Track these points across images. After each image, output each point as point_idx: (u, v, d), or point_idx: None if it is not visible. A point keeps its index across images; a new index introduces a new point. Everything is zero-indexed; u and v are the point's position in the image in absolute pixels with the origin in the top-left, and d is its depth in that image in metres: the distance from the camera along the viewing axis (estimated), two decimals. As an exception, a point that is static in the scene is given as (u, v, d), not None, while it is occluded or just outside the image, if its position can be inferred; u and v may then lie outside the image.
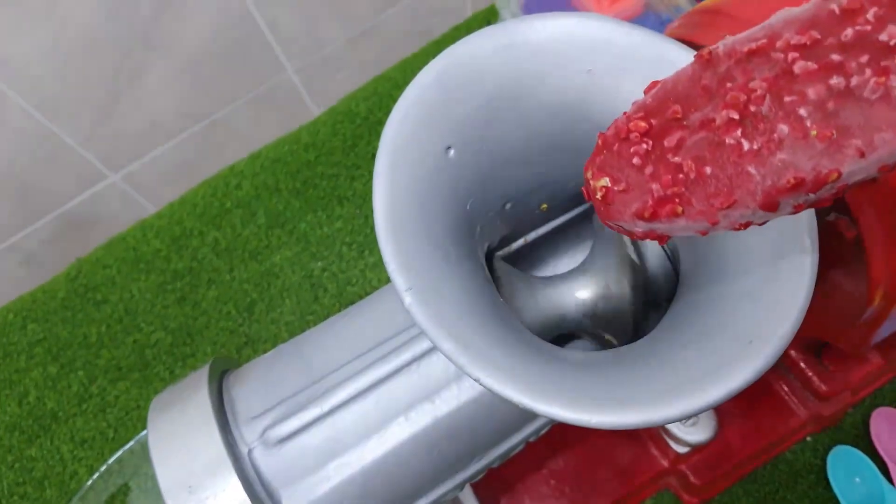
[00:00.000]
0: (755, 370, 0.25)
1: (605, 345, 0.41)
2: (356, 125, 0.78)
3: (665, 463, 0.53)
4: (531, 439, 0.36)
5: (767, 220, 0.20)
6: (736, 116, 0.19)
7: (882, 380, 0.54)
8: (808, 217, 0.28)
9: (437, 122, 0.33)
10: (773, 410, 0.54)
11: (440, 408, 0.31)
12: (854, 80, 0.18)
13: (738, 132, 0.19)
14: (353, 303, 0.68)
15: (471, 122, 0.34)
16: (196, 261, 0.73)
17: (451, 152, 0.34)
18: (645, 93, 0.22)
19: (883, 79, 0.17)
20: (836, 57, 0.18)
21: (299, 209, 0.74)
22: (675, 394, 0.25)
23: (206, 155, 0.77)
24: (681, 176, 0.20)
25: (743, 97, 0.19)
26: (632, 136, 0.21)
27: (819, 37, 0.18)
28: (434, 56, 0.77)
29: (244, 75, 0.72)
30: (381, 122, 0.81)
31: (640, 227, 0.21)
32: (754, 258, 0.28)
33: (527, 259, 0.44)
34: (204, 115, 0.73)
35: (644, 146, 0.21)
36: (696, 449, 0.51)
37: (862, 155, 0.18)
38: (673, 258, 0.39)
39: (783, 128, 0.19)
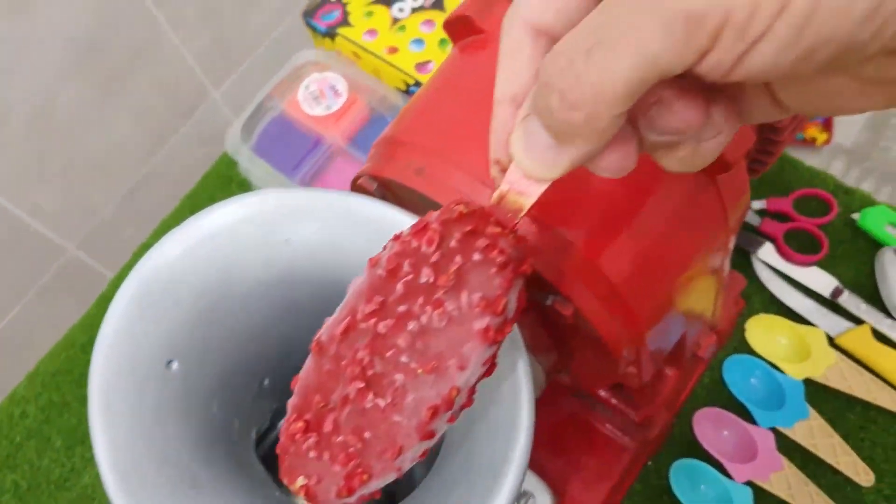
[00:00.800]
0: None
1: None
2: (133, 308, 0.74)
3: (528, 545, 0.53)
4: None
5: (440, 436, 0.23)
6: (362, 384, 0.22)
7: (686, 388, 0.57)
8: (515, 338, 0.29)
9: (147, 342, 0.31)
10: (605, 452, 0.56)
11: None
12: (423, 319, 0.22)
13: (371, 395, 0.22)
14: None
15: (187, 327, 0.33)
16: (-3, 514, 0.65)
17: (175, 365, 0.32)
18: (291, 388, 0.25)
19: (440, 308, 0.22)
20: (402, 308, 0.22)
21: (97, 417, 0.68)
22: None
23: (8, 365, 0.71)
24: (351, 450, 0.23)
25: (357, 368, 0.22)
26: (296, 437, 0.24)
27: (382, 298, 0.22)
28: (187, 213, 0.75)
29: (22, 271, 0.68)
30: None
31: (350, 500, 0.23)
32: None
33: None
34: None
35: (311, 439, 0.24)
36: (549, 522, 0.52)
37: (463, 367, 0.21)
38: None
39: (399, 377, 0.22)
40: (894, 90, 0.18)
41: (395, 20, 0.70)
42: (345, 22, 0.71)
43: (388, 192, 0.37)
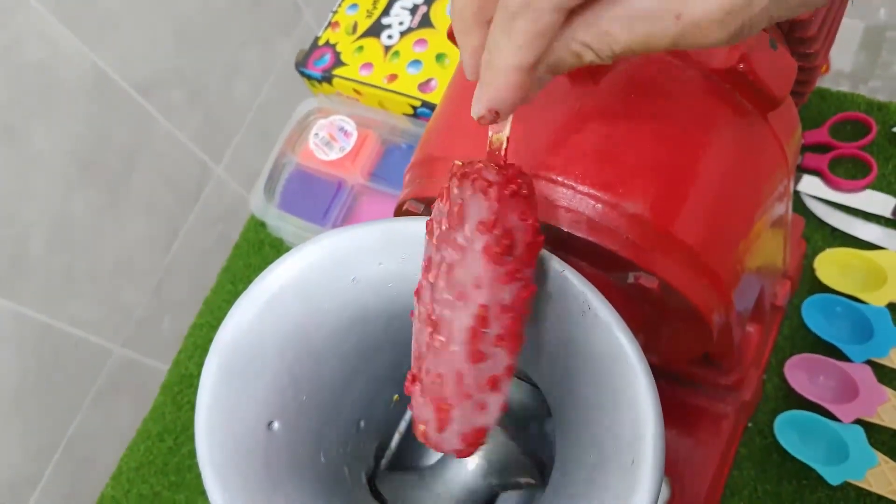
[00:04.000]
0: (650, 490, 0.24)
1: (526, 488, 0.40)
2: (195, 387, 0.74)
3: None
4: None
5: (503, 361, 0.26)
6: (430, 329, 0.26)
7: (770, 343, 0.55)
8: (612, 319, 0.28)
9: (243, 409, 0.31)
10: (704, 424, 0.54)
11: None
12: (447, 257, 0.25)
13: (437, 336, 0.25)
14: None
15: (278, 386, 0.32)
16: None
17: (276, 425, 0.32)
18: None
19: (454, 244, 0.25)
20: (437, 257, 0.26)
21: (187, 501, 0.68)
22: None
23: (81, 480, 0.72)
24: (434, 388, 0.26)
25: (427, 317, 0.26)
26: (412, 390, 0.27)
27: (428, 255, 0.26)
28: (228, 285, 0.75)
29: (77, 380, 0.70)
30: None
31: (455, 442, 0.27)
32: (595, 374, 0.28)
33: (410, 452, 0.42)
34: (55, 445, 0.69)
35: (417, 388, 0.27)
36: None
37: (479, 286, 0.24)
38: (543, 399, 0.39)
39: (447, 312, 0.25)
40: None
41: (387, 48, 0.70)
42: (338, 63, 0.71)
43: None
